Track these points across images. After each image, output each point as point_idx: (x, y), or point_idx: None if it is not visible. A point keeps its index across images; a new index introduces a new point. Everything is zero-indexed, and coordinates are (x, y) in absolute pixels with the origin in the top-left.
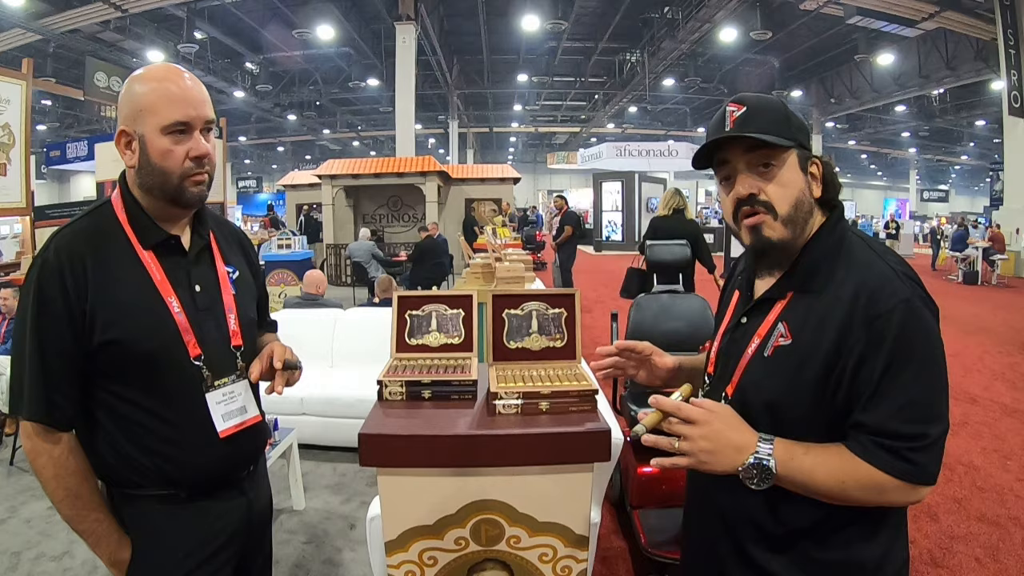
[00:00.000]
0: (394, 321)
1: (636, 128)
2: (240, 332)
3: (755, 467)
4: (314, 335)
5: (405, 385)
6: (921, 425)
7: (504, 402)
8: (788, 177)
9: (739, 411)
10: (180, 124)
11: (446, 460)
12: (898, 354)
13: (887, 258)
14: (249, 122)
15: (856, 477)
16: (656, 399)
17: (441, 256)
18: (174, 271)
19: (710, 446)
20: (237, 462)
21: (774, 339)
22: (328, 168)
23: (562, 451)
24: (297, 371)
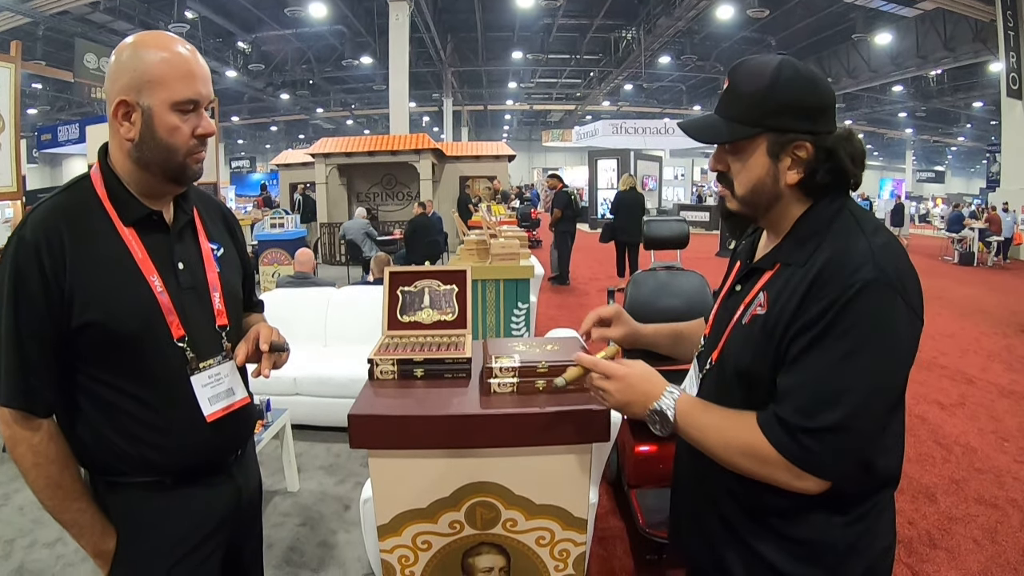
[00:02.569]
0: (385, 298)
1: (632, 106)
2: (225, 311)
3: (656, 413)
4: (307, 314)
5: (397, 364)
6: (819, 409)
7: (499, 380)
8: (749, 162)
9: (718, 377)
10: (190, 101)
11: (439, 441)
12: (831, 331)
13: (873, 237)
14: (242, 102)
15: (740, 443)
16: (579, 356)
17: (435, 234)
18: (156, 248)
19: (624, 398)
20: (225, 446)
21: (753, 307)
22: (321, 147)
23: (559, 431)
24: (285, 353)
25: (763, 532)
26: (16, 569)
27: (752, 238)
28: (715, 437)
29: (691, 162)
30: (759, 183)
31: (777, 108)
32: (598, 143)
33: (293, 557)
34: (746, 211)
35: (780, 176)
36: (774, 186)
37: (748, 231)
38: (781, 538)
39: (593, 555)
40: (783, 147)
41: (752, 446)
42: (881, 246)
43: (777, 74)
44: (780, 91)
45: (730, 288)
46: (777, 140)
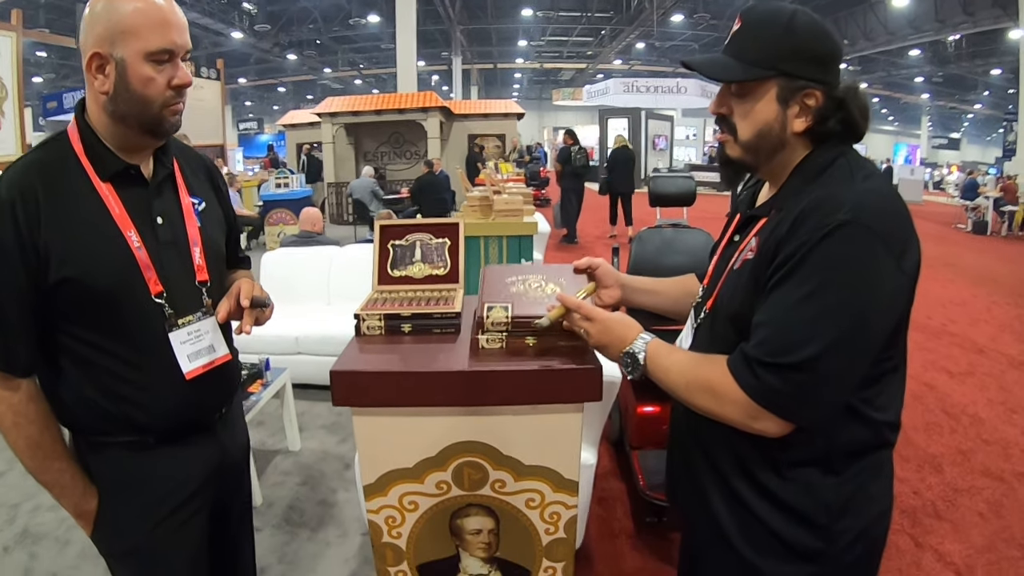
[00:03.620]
0: (376, 251)
1: (643, 65)
2: (206, 267)
3: (628, 356)
4: (310, 273)
5: (384, 319)
6: (783, 347)
7: (488, 336)
8: (757, 107)
9: (711, 324)
10: (165, 51)
11: (423, 399)
12: (797, 270)
13: (863, 182)
14: (248, 63)
15: (699, 380)
16: (561, 296)
17: (443, 192)
18: (134, 203)
19: (602, 340)
20: (207, 404)
21: (745, 253)
22: (327, 106)
23: (549, 390)
24: (268, 309)
25: (754, 488)
26: (21, 533)
27: (753, 189)
28: (677, 375)
29: (703, 122)
30: (766, 128)
31: (791, 52)
32: (609, 102)
33: (292, 516)
34: (747, 158)
35: (788, 123)
36: (780, 133)
37: (748, 181)
38: (772, 495)
39: (593, 516)
40: (793, 93)
41: (710, 381)
42: (867, 190)
43: (793, 19)
44: (796, 36)
45: (729, 238)
46: (788, 86)
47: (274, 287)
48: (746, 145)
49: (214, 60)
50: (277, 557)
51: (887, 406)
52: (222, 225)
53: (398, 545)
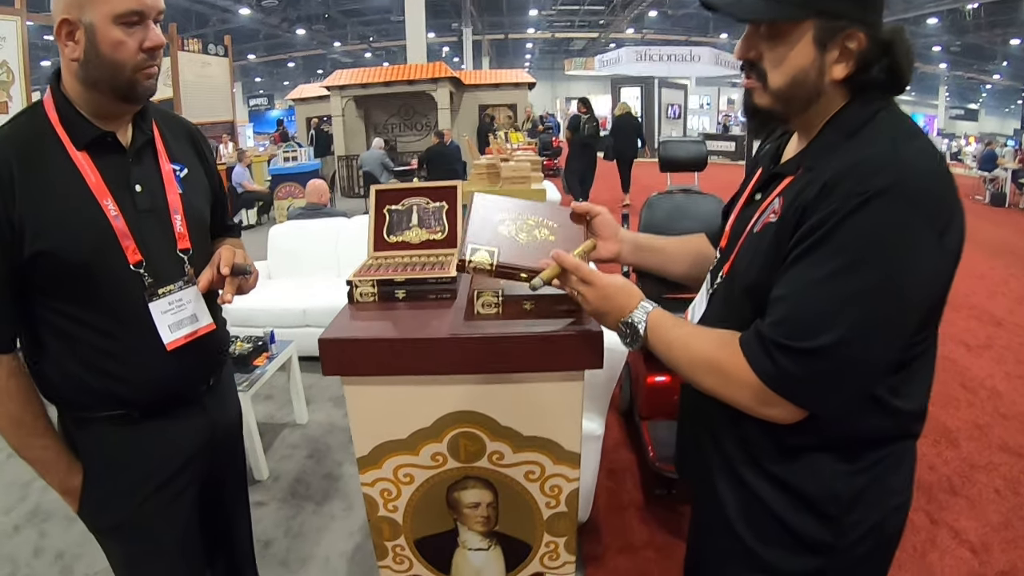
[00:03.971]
0: (371, 217)
1: (656, 34)
2: (188, 234)
3: (627, 325)
4: (318, 245)
5: (377, 285)
6: (802, 328)
7: (484, 300)
8: (791, 50)
9: (727, 291)
10: (135, 13)
11: (415, 367)
12: (825, 242)
13: (906, 142)
14: (257, 39)
15: (705, 357)
16: (557, 253)
17: (453, 162)
18: (111, 171)
19: (600, 307)
20: (192, 376)
21: (767, 214)
22: (336, 79)
23: (548, 357)
24: (251, 276)
25: (759, 472)
26: (32, 510)
27: (778, 142)
28: (680, 351)
29: (717, 90)
30: (800, 75)
31: None
32: (621, 71)
33: (299, 489)
34: (778, 108)
35: (825, 69)
36: (817, 80)
37: (775, 133)
38: (778, 479)
39: (602, 488)
40: (833, 35)
41: (718, 361)
42: (911, 153)
43: None
44: None
45: (749, 196)
46: (826, 26)
47: (282, 260)
48: (777, 93)
49: (222, 37)
50: (283, 531)
51: (913, 394)
52: (206, 192)
53: (394, 519)
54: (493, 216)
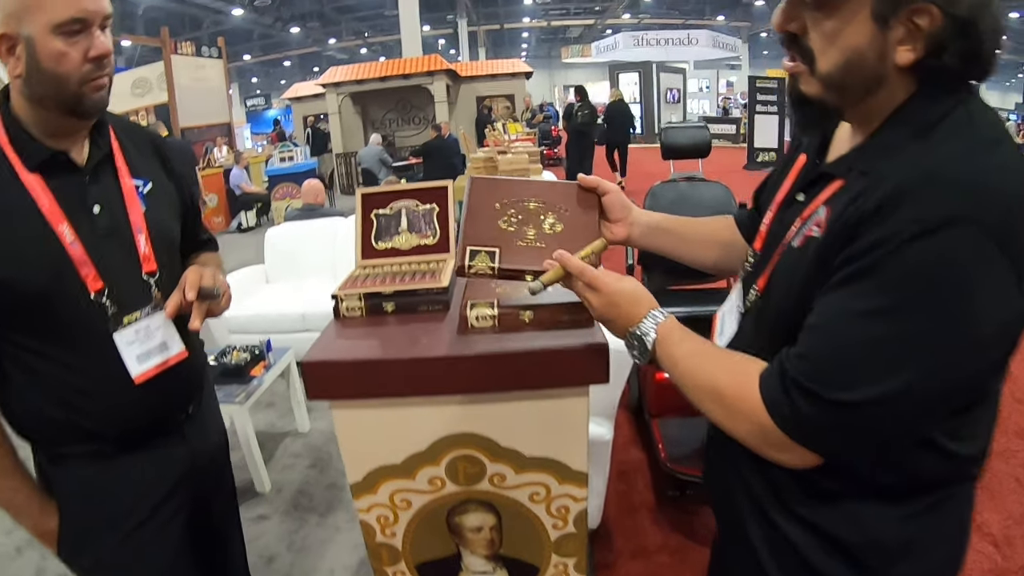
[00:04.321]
0: (358, 223)
1: (652, 18)
2: (154, 255)
3: (635, 336)
4: (314, 247)
5: (364, 298)
6: (834, 374)
7: (478, 312)
8: (843, 28)
9: (761, 313)
10: (76, 21)
11: (406, 388)
12: (874, 274)
13: (988, 153)
14: (252, 39)
15: (709, 382)
16: (561, 255)
17: (452, 156)
18: (66, 193)
19: (607, 315)
20: (167, 406)
21: (809, 226)
22: (331, 76)
23: (550, 373)
24: (222, 298)
25: (791, 516)
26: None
27: None
28: (685, 370)
29: (715, 73)
30: (856, 57)
31: None
32: (619, 56)
33: (302, 501)
34: (829, 96)
35: (888, 51)
36: (877, 65)
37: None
38: (812, 526)
39: (612, 491)
40: (896, 9)
41: (723, 388)
42: (994, 167)
43: None
44: None
45: (788, 194)
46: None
47: (280, 263)
48: (828, 80)
49: (215, 39)
50: (286, 545)
51: (976, 436)
52: (174, 206)
53: (393, 545)
54: (491, 205)
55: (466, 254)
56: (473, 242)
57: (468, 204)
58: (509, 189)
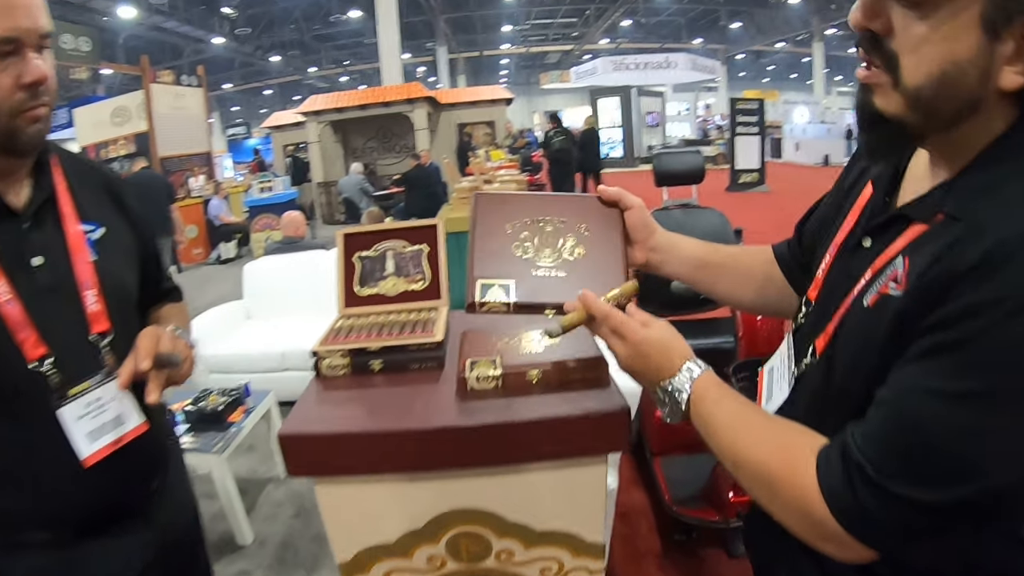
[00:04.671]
0: (340, 267)
1: (630, 43)
2: (106, 313)
3: (666, 392)
4: (295, 282)
5: (348, 355)
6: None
7: (479, 373)
8: (942, 34)
9: (825, 380)
10: (6, 41)
11: (399, 464)
12: (974, 344)
13: None
14: (232, 68)
15: (754, 457)
16: (585, 296)
17: (434, 185)
18: (1, 243)
19: (634, 366)
20: (126, 488)
21: (884, 281)
22: (311, 104)
23: (563, 443)
24: (184, 363)
25: None
26: None
27: None
28: (725, 438)
29: (695, 96)
30: (954, 72)
31: None
32: (598, 81)
33: (287, 556)
34: (912, 117)
35: (992, 70)
36: (977, 85)
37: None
38: None
39: (615, 534)
40: (1011, 17)
41: (771, 468)
42: None
43: None
44: None
45: (851, 235)
46: (1002, 6)
47: (259, 299)
48: (915, 95)
49: (196, 67)
50: None
51: None
52: (130, 253)
53: None
54: (502, 228)
55: (476, 288)
56: (484, 273)
57: (475, 228)
58: (520, 207)
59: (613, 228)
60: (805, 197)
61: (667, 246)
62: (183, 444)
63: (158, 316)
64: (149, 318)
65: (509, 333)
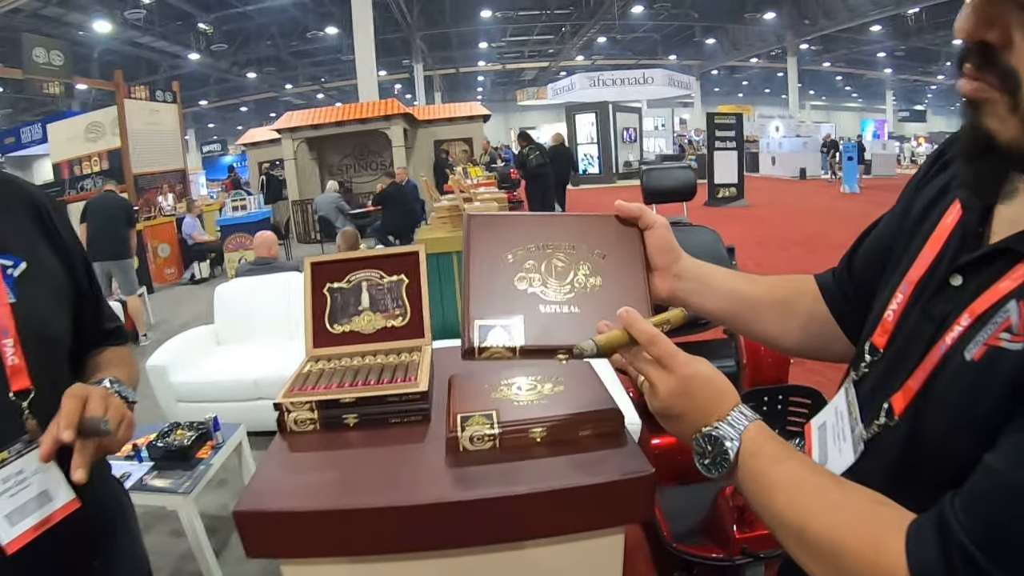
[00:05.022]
0: (307, 300)
1: (606, 59)
2: (26, 367)
3: (710, 440)
4: (268, 305)
5: (317, 408)
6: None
7: (473, 432)
8: None
9: (907, 444)
10: None
11: (381, 545)
12: None
13: None
14: (208, 84)
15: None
16: (629, 315)
17: (411, 203)
18: None
19: (674, 405)
20: (62, 571)
21: (992, 331)
22: (287, 121)
23: (575, 516)
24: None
25: None
26: None
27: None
28: (784, 503)
29: (671, 111)
30: None
31: None
32: (575, 97)
33: None
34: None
35: None
36: None
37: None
38: None
39: None
40: None
41: (846, 545)
42: None
43: None
44: None
45: (932, 271)
46: None
47: (230, 323)
48: None
49: (171, 83)
50: None
51: None
52: (61, 291)
53: None
54: (502, 257)
55: (475, 331)
56: (484, 313)
57: (470, 258)
58: (521, 230)
59: (633, 253)
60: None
61: (696, 274)
62: (146, 483)
63: (96, 364)
64: (86, 365)
65: (504, 378)
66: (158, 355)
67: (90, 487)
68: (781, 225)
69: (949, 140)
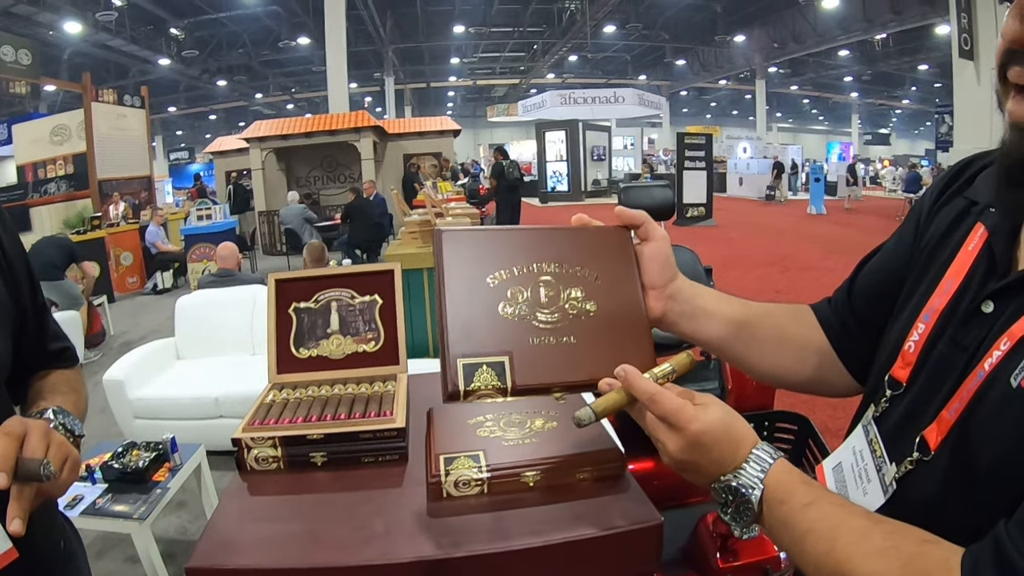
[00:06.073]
0: (271, 321)
1: (576, 78)
2: None
3: (729, 491)
4: (231, 319)
5: (281, 445)
6: None
7: (457, 476)
8: None
9: (944, 478)
10: None
11: None
12: None
13: None
14: (177, 91)
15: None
16: (627, 373)
17: (378, 216)
18: None
19: (688, 459)
20: None
21: None
22: (255, 130)
23: (577, 571)
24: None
25: None
26: None
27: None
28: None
29: (640, 131)
30: None
31: None
32: (546, 114)
33: None
34: None
35: None
36: None
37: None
38: None
39: None
40: None
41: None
42: None
43: None
44: None
45: (958, 297)
46: None
47: (191, 336)
48: None
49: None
50: None
51: None
52: (6, 308)
53: None
54: (482, 282)
55: (459, 371)
56: (467, 350)
57: (445, 284)
58: (501, 248)
59: (628, 274)
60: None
61: (690, 296)
62: (100, 507)
63: (39, 389)
64: (28, 391)
65: (490, 411)
66: (116, 368)
67: (31, 532)
68: (749, 245)
69: (958, 168)
